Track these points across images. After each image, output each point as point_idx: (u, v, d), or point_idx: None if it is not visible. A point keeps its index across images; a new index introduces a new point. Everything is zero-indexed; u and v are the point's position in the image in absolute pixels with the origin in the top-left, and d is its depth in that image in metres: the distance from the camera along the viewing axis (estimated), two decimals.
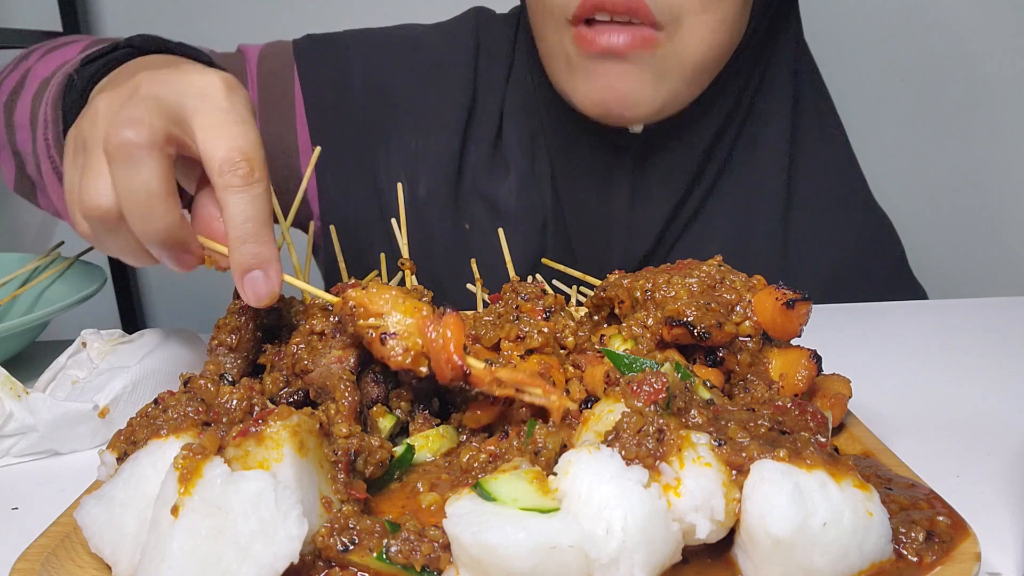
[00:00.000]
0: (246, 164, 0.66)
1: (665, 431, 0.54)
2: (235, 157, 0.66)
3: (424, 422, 0.73)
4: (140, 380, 0.82)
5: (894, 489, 0.60)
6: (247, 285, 0.68)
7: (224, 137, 0.66)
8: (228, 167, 0.66)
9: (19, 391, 0.79)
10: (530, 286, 0.82)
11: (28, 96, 0.97)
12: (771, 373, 0.71)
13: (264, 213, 0.67)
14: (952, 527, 0.56)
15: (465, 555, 0.51)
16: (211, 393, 0.65)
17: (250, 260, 0.67)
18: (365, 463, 0.63)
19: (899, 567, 0.53)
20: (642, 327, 0.73)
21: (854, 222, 1.27)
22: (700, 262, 0.76)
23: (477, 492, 0.53)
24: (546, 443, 0.62)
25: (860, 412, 0.75)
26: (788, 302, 0.69)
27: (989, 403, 0.86)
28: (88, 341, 0.89)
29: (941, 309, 1.19)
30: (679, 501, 0.53)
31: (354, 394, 0.67)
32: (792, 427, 0.60)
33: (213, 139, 0.66)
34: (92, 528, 0.56)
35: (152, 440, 0.59)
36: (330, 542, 0.54)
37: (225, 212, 0.66)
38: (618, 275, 0.80)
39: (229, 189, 0.66)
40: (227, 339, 0.73)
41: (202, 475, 0.51)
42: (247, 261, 0.67)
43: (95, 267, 1.18)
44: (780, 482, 0.51)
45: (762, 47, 1.17)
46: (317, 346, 0.72)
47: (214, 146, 0.66)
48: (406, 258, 0.90)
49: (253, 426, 0.55)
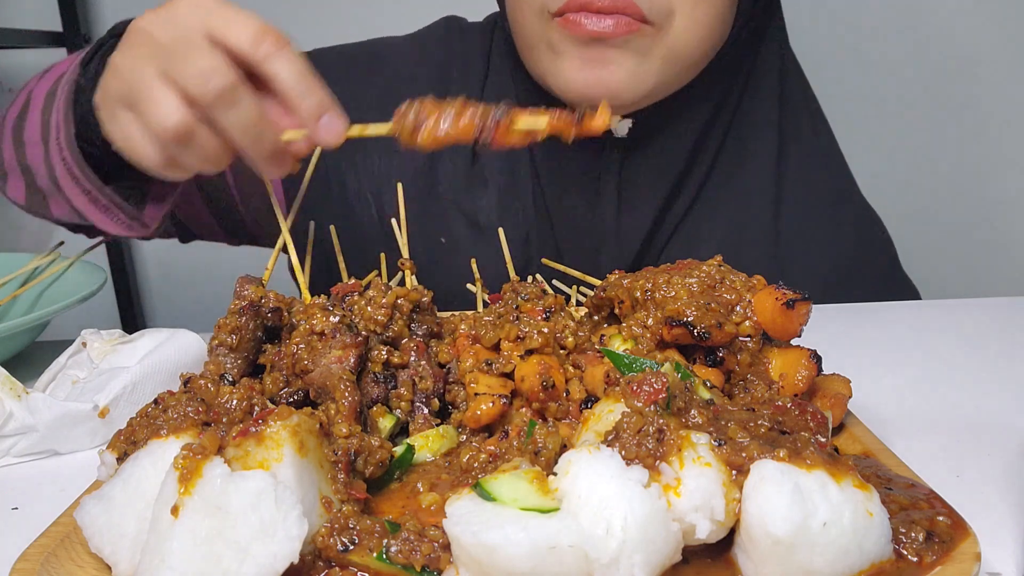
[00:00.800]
0: (271, 33, 0.72)
1: (665, 431, 0.54)
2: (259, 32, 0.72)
3: (424, 422, 0.73)
4: (140, 380, 0.82)
5: (894, 489, 0.60)
6: (322, 130, 0.73)
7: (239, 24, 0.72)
8: (259, 40, 0.71)
9: (19, 391, 0.79)
10: (530, 286, 0.82)
11: (36, 112, 1.00)
12: (771, 373, 0.71)
13: (307, 67, 0.73)
14: (952, 527, 0.56)
15: (465, 555, 0.51)
16: (211, 393, 0.65)
17: (317, 108, 0.73)
18: (365, 463, 0.63)
19: (899, 567, 0.53)
20: (642, 327, 0.73)
21: (845, 223, 1.26)
22: (700, 262, 0.76)
23: (477, 492, 0.53)
24: (546, 443, 0.62)
25: (860, 412, 0.75)
26: (788, 302, 0.69)
27: (989, 403, 0.86)
28: (88, 341, 0.89)
29: (941, 309, 1.20)
30: (679, 501, 0.53)
31: (354, 394, 0.68)
32: (792, 427, 0.60)
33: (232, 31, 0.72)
34: (92, 528, 0.56)
35: (152, 440, 0.59)
36: (330, 542, 0.54)
37: (277, 79, 0.72)
38: (618, 275, 0.80)
39: (270, 57, 0.72)
40: (227, 339, 0.73)
41: (202, 475, 0.51)
42: (314, 110, 0.73)
43: (95, 267, 1.18)
44: (780, 482, 0.51)
45: (746, 48, 1.15)
46: (317, 346, 0.72)
47: (236, 35, 0.72)
48: (406, 258, 0.90)
49: (253, 426, 0.55)
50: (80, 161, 0.91)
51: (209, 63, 0.70)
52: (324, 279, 1.23)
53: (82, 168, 0.92)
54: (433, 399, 0.74)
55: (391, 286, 0.79)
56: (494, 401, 0.70)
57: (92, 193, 0.93)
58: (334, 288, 0.82)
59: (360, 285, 0.82)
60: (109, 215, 0.96)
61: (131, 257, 2.60)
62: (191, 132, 0.72)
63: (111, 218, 0.96)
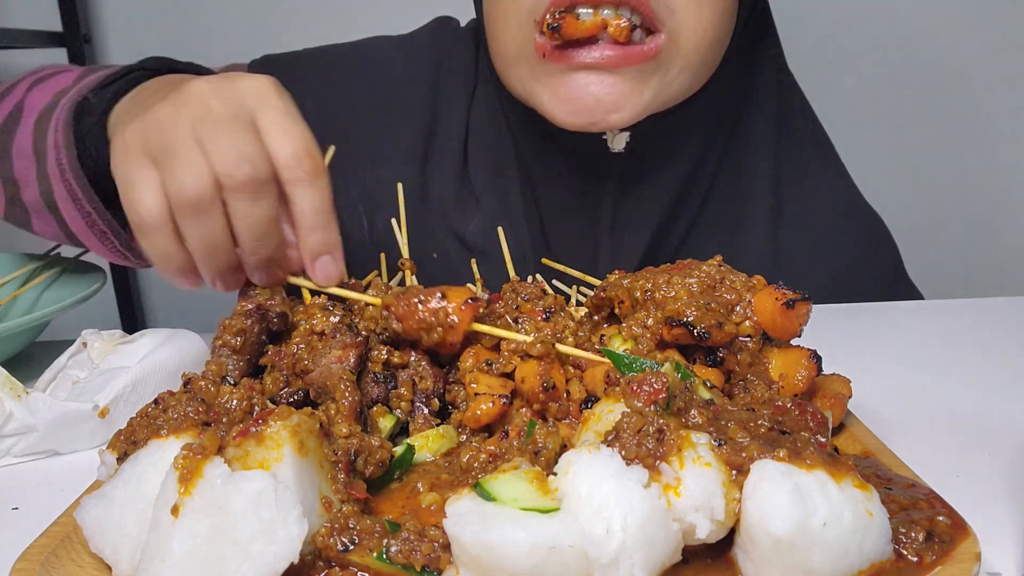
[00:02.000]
0: (311, 159, 0.71)
1: (665, 431, 0.54)
2: (301, 153, 0.71)
3: (424, 422, 0.73)
4: (140, 380, 0.82)
5: (894, 489, 0.60)
6: (319, 269, 0.74)
7: (287, 135, 0.71)
8: (296, 162, 0.71)
9: (19, 391, 0.79)
10: (530, 286, 0.82)
11: (28, 126, 0.98)
12: (771, 373, 0.71)
13: (328, 204, 0.73)
14: (952, 527, 0.56)
15: (465, 555, 0.51)
16: (211, 393, 0.65)
17: (320, 247, 0.73)
18: (365, 463, 0.63)
19: (899, 567, 0.53)
20: (642, 327, 0.73)
21: (849, 232, 1.24)
22: (700, 262, 0.76)
23: (477, 492, 0.53)
24: (546, 443, 0.62)
25: (860, 412, 0.75)
26: (788, 302, 0.69)
27: (989, 403, 0.86)
28: (89, 341, 0.89)
29: (941, 309, 1.19)
30: (679, 501, 0.53)
31: (354, 394, 0.68)
32: (792, 427, 0.60)
33: (278, 138, 0.71)
34: (92, 528, 0.56)
35: (152, 440, 0.59)
36: (330, 542, 0.54)
37: (295, 205, 0.72)
38: (618, 275, 0.80)
39: (299, 183, 0.71)
40: (232, 340, 0.73)
41: (202, 475, 0.51)
42: (318, 248, 0.73)
43: (95, 267, 1.18)
44: (780, 482, 0.51)
45: (741, 64, 1.12)
46: (317, 346, 0.72)
47: (280, 143, 0.71)
48: (406, 258, 0.90)
49: (253, 426, 0.55)
50: (85, 184, 0.90)
51: (250, 150, 0.70)
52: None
53: (86, 191, 0.91)
54: (433, 399, 0.74)
55: (391, 286, 0.79)
56: (494, 401, 0.70)
57: (91, 216, 0.92)
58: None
59: (360, 285, 0.81)
60: (104, 241, 0.95)
61: None
62: (209, 205, 0.70)
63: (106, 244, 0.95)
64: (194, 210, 0.70)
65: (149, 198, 0.71)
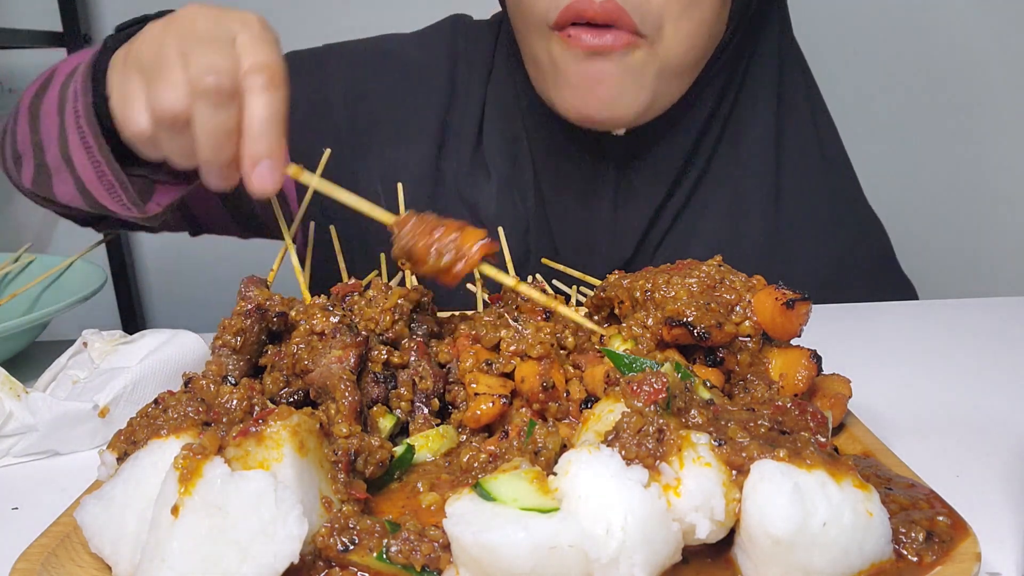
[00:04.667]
0: (270, 72, 0.73)
1: (665, 431, 0.54)
2: (261, 65, 0.73)
3: (424, 422, 0.73)
4: (140, 380, 0.82)
5: (894, 489, 0.60)
6: (255, 176, 0.73)
7: (255, 53, 0.74)
8: (255, 72, 0.73)
9: (19, 391, 0.79)
10: (531, 286, 0.82)
11: (56, 86, 1.01)
12: (771, 373, 0.71)
13: (279, 117, 0.73)
14: (952, 527, 0.56)
15: (465, 555, 0.51)
16: (211, 393, 0.65)
17: (262, 151, 0.73)
18: (365, 463, 0.63)
19: (899, 567, 0.53)
20: (642, 327, 0.73)
21: (842, 219, 1.26)
22: (700, 262, 0.76)
23: (477, 492, 0.53)
24: (546, 443, 0.62)
25: (860, 412, 0.75)
26: (788, 302, 0.69)
27: (989, 403, 0.86)
28: (89, 341, 0.89)
29: (942, 309, 1.19)
30: (679, 501, 0.53)
31: (354, 394, 0.68)
32: (792, 427, 0.60)
33: (246, 54, 0.74)
34: (92, 528, 0.56)
35: (152, 440, 0.59)
36: (330, 542, 0.54)
37: (245, 112, 0.73)
38: (618, 275, 0.80)
39: (252, 90, 0.72)
40: (232, 340, 0.73)
41: (202, 475, 0.51)
42: (258, 152, 0.73)
43: (95, 267, 1.18)
44: (780, 482, 0.51)
45: (742, 47, 1.16)
46: (317, 346, 0.72)
47: (246, 58, 0.74)
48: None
49: (253, 426, 0.55)
50: (96, 131, 0.92)
51: (221, 63, 0.72)
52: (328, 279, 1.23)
53: (97, 137, 0.92)
54: (433, 399, 0.74)
55: (391, 286, 0.79)
56: (494, 401, 0.70)
57: (101, 166, 0.94)
58: (334, 288, 0.82)
59: (360, 285, 0.82)
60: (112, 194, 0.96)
61: (131, 257, 2.60)
62: (183, 123, 0.74)
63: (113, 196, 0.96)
64: (172, 127, 0.75)
65: (137, 115, 0.77)
